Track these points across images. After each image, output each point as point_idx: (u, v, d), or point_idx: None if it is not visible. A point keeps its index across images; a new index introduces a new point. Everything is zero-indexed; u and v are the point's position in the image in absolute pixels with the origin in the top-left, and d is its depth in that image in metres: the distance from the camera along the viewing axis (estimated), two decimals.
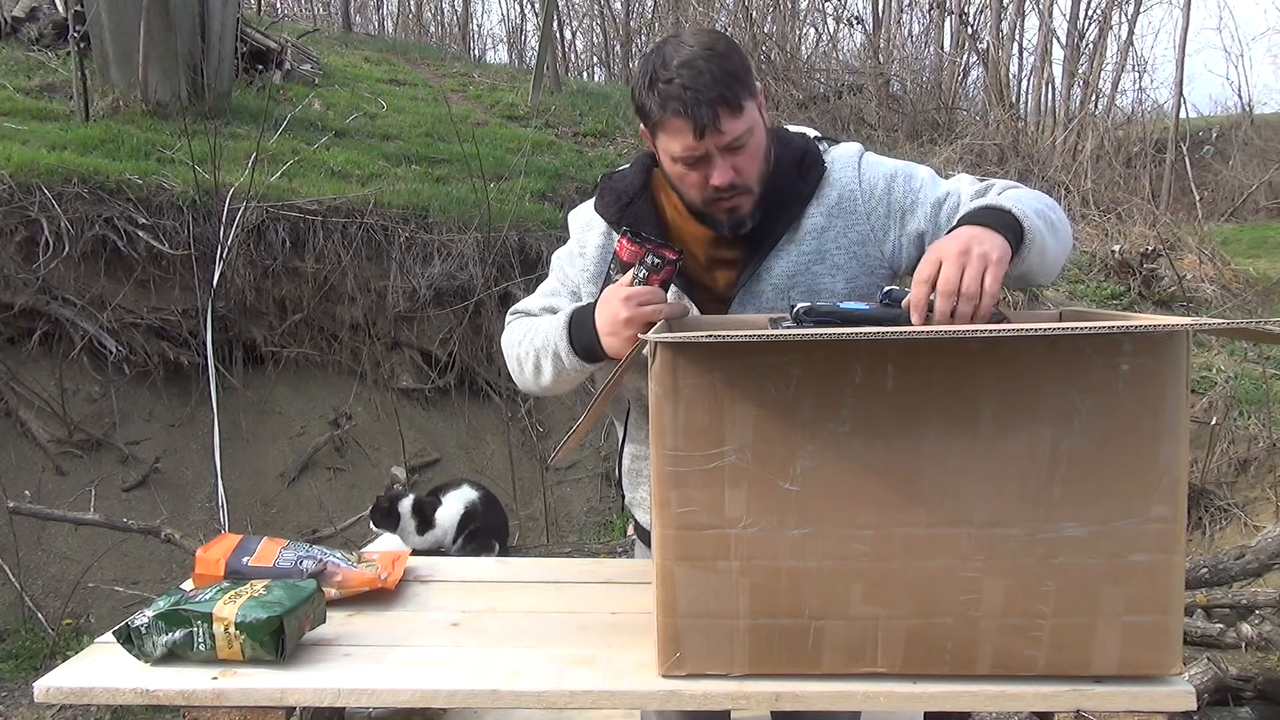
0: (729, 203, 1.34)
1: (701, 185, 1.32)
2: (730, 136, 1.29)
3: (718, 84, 1.26)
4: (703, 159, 1.30)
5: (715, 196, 1.33)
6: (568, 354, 1.33)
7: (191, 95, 5.70)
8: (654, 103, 1.30)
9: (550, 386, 1.43)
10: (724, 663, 1.08)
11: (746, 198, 1.34)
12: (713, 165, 1.30)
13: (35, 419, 4.05)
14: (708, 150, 1.29)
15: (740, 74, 1.30)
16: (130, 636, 1.15)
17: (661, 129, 1.31)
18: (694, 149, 1.29)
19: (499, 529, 2.92)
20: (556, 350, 1.35)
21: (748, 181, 1.33)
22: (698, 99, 1.25)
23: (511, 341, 1.47)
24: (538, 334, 1.40)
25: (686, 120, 1.26)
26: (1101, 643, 1.05)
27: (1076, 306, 4.55)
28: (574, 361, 1.33)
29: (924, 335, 1.00)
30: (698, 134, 1.27)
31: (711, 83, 1.26)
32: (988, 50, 10.69)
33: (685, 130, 1.27)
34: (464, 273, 4.97)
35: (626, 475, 1.58)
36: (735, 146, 1.30)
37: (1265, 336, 1.06)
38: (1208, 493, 4.51)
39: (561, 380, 1.40)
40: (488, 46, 16.97)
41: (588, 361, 1.32)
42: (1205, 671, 3.05)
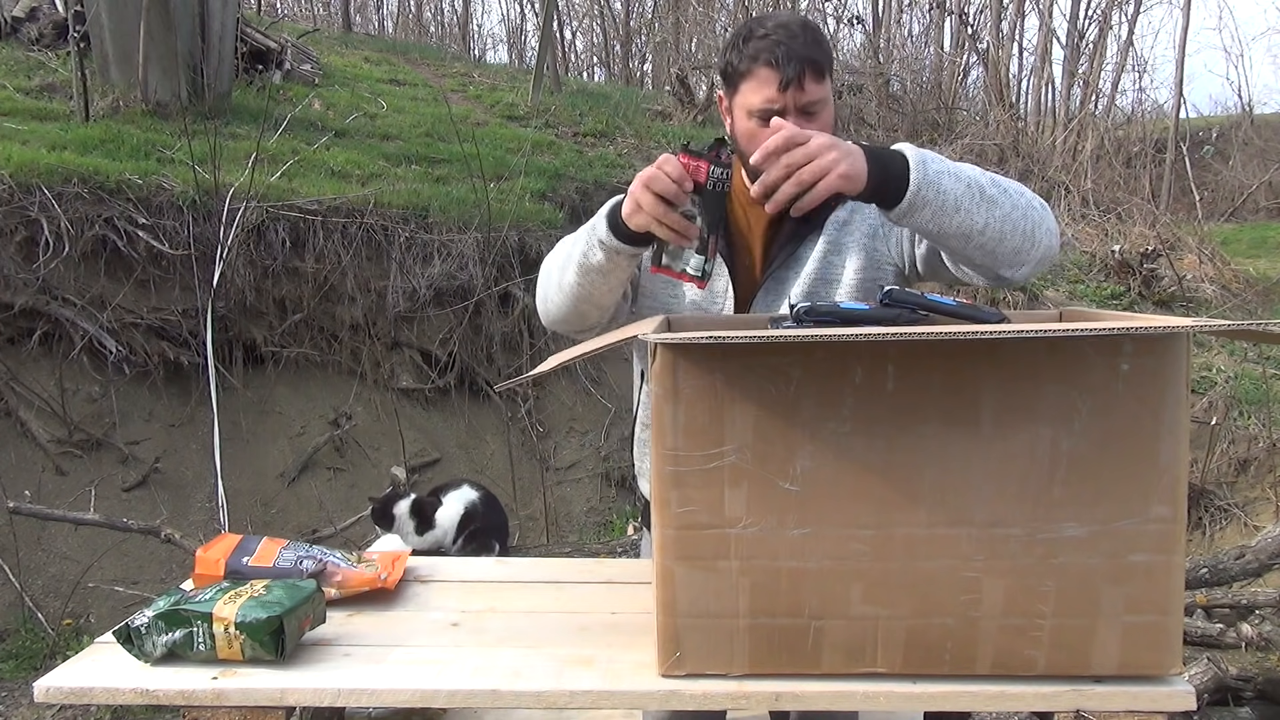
0: None
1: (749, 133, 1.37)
2: (810, 98, 1.34)
3: (809, 46, 1.34)
4: (778, 114, 1.32)
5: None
6: (601, 224, 1.31)
7: (191, 95, 5.70)
8: (744, 55, 1.36)
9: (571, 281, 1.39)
10: (724, 663, 1.08)
11: None
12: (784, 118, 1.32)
13: (35, 419, 4.05)
14: (786, 105, 1.34)
15: (827, 49, 1.38)
16: (130, 636, 1.15)
17: (746, 79, 1.36)
18: (774, 100, 1.34)
19: (499, 529, 2.92)
20: (593, 227, 1.33)
21: None
22: (790, 54, 1.32)
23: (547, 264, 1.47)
24: (571, 243, 1.40)
25: (775, 71, 1.33)
26: (1101, 643, 1.05)
27: (1076, 306, 4.55)
28: (602, 229, 1.30)
29: (924, 336, 1.00)
30: (783, 86, 1.33)
31: (804, 44, 1.34)
32: (988, 50, 10.70)
33: (771, 81, 1.33)
34: (464, 273, 4.97)
35: (638, 444, 1.59)
36: (810, 110, 1.35)
37: (1265, 336, 1.06)
38: (1208, 493, 4.51)
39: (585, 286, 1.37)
40: (488, 46, 17.00)
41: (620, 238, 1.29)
42: (1205, 671, 3.05)
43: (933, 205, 1.20)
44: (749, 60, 1.35)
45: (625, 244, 1.30)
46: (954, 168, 1.24)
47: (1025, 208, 1.27)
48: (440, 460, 4.82)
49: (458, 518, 2.78)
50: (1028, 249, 1.28)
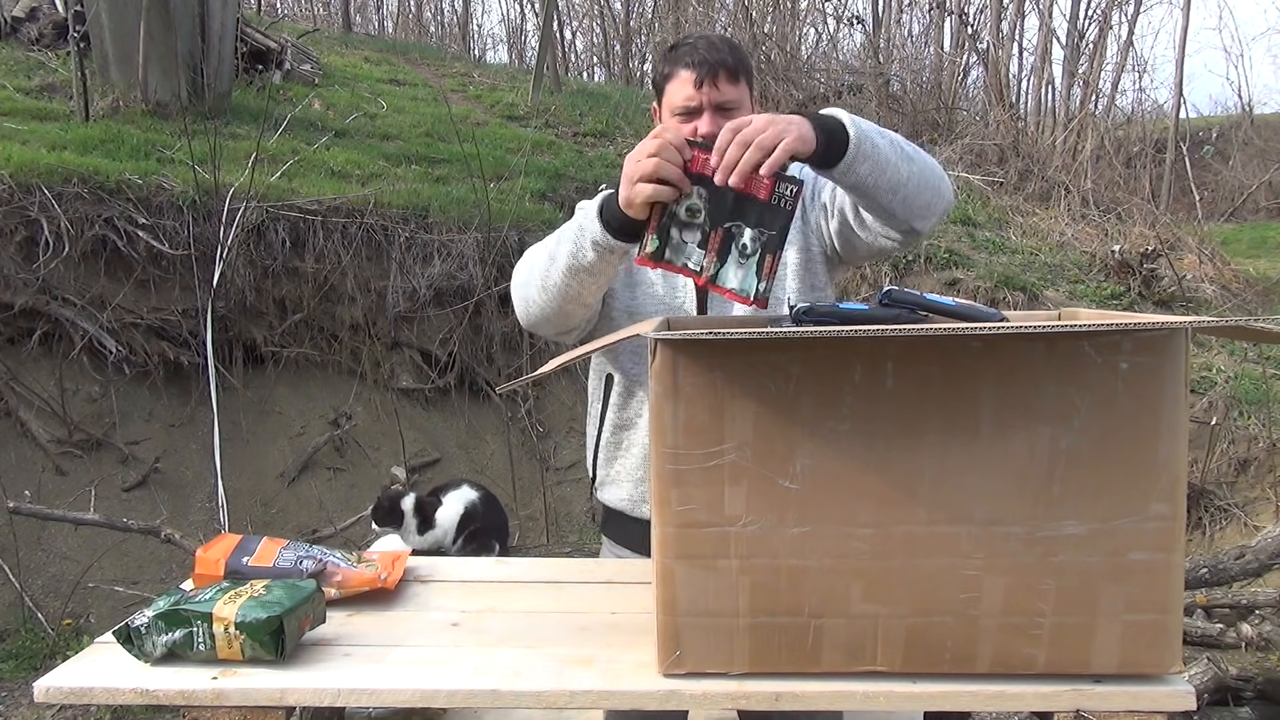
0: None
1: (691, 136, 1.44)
2: (724, 97, 1.50)
3: (723, 52, 1.51)
4: (695, 112, 1.50)
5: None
6: (592, 224, 1.36)
7: (191, 95, 5.70)
8: (668, 62, 1.54)
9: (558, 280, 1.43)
10: (724, 661, 1.08)
11: None
12: (702, 118, 1.50)
13: (35, 419, 4.05)
14: (702, 103, 1.50)
15: (743, 59, 1.54)
16: (130, 636, 1.15)
17: (669, 81, 1.53)
18: (691, 99, 1.50)
19: (499, 529, 2.92)
20: (581, 228, 1.39)
21: None
22: (705, 57, 1.50)
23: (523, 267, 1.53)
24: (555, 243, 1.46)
25: (691, 70, 1.50)
26: (1101, 642, 1.05)
27: (1076, 306, 4.56)
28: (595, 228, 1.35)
29: (924, 334, 1.00)
30: (697, 84, 1.49)
31: (719, 49, 1.51)
32: (988, 50, 10.70)
33: (688, 80, 1.50)
34: (464, 273, 4.97)
35: (604, 449, 1.63)
36: (726, 108, 1.50)
37: (1265, 336, 1.06)
38: (1208, 493, 4.51)
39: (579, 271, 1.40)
40: (488, 46, 16.99)
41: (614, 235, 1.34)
42: (1205, 671, 3.05)
43: (870, 159, 1.30)
44: (671, 64, 1.53)
45: (620, 240, 1.35)
46: (876, 127, 1.33)
47: (931, 164, 1.40)
48: (440, 460, 4.82)
49: (457, 517, 2.78)
50: (937, 201, 1.41)
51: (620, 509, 1.64)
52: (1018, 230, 7.28)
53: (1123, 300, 6.27)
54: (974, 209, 7.39)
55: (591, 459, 1.68)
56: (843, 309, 1.21)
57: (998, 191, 7.96)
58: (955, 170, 7.99)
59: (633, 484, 1.61)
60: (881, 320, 1.18)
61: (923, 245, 6.27)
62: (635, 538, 1.64)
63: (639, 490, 1.60)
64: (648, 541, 1.59)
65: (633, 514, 1.62)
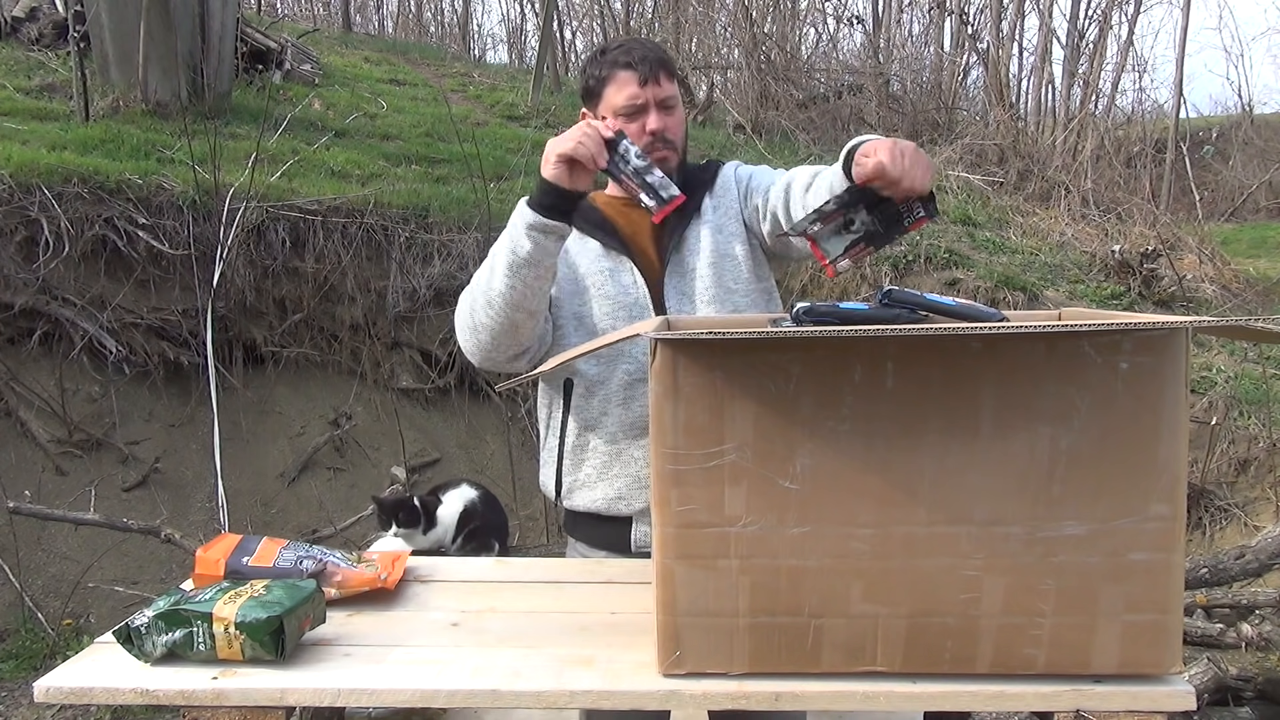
0: (661, 153, 1.57)
1: (639, 134, 1.55)
2: (665, 92, 1.57)
3: (657, 50, 1.60)
4: (642, 109, 1.56)
5: (649, 145, 1.55)
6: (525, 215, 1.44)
7: (191, 95, 5.70)
8: (603, 65, 1.58)
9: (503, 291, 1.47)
10: (724, 661, 1.08)
11: (673, 154, 1.60)
12: (650, 114, 1.56)
13: (35, 419, 4.05)
14: (648, 100, 1.56)
15: (672, 60, 1.62)
16: (130, 636, 1.15)
17: (607, 85, 1.57)
18: (636, 97, 1.55)
19: (499, 528, 2.92)
20: (512, 223, 1.47)
21: (675, 139, 1.60)
22: (644, 55, 1.56)
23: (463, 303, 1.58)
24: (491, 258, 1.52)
25: (633, 71, 1.55)
26: (1101, 642, 1.05)
27: (1076, 306, 4.55)
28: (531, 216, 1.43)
29: (923, 333, 1.00)
30: (641, 82, 1.55)
31: (654, 49, 1.60)
32: (988, 50, 10.69)
33: (631, 80, 1.55)
34: (464, 273, 4.96)
35: (570, 454, 1.63)
36: (668, 105, 1.58)
37: (1264, 336, 1.06)
38: (1208, 493, 4.51)
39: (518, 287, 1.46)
40: (488, 46, 16.98)
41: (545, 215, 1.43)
42: (1205, 671, 3.05)
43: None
44: (608, 67, 1.58)
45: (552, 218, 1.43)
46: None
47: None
48: (440, 460, 4.82)
49: (457, 516, 2.78)
50: None
51: (594, 510, 1.64)
52: (1018, 230, 7.28)
53: (1123, 300, 6.27)
54: (974, 209, 7.39)
55: (555, 469, 1.67)
56: (843, 309, 1.21)
57: (998, 191, 7.95)
58: (955, 170, 7.98)
59: (605, 484, 1.61)
60: (881, 320, 1.18)
61: (923, 245, 6.27)
62: (610, 538, 1.64)
63: (613, 488, 1.60)
64: (624, 540, 1.62)
65: (607, 513, 1.62)
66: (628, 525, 1.62)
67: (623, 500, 1.61)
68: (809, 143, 8.52)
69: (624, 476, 1.60)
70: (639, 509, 1.60)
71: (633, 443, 1.59)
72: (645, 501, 1.59)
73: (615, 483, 1.61)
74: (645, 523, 1.61)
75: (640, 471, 1.59)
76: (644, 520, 1.61)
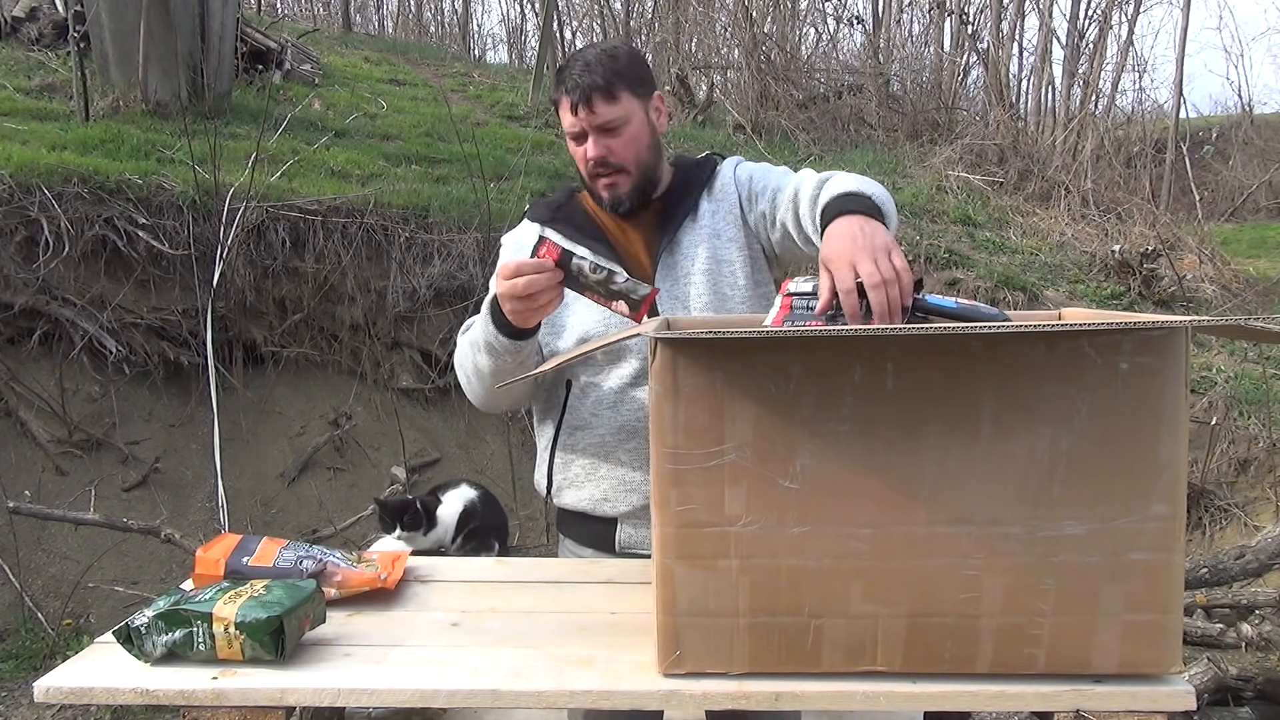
0: (607, 179, 1.57)
1: (583, 159, 1.57)
2: (602, 118, 1.53)
3: (595, 73, 1.52)
4: (581, 135, 1.55)
5: (593, 171, 1.57)
6: (495, 336, 1.48)
7: (191, 95, 5.70)
8: (555, 85, 1.59)
9: (492, 383, 1.55)
10: (724, 661, 1.08)
11: (623, 177, 1.57)
12: (588, 141, 1.55)
13: (35, 419, 4.05)
14: (584, 127, 1.54)
15: (625, 72, 1.55)
16: (130, 636, 1.15)
17: (558, 108, 1.58)
18: (573, 124, 1.55)
19: (499, 528, 2.91)
20: (487, 337, 1.50)
21: (622, 161, 1.56)
22: (577, 83, 1.52)
23: (458, 355, 1.64)
24: (474, 333, 1.56)
25: (567, 97, 1.54)
26: (1101, 642, 1.05)
27: (1076, 306, 4.56)
28: (502, 342, 1.48)
29: (923, 333, 1.00)
30: (573, 109, 1.53)
31: (591, 71, 1.53)
32: (988, 50, 10.70)
33: (567, 106, 1.55)
34: (464, 273, 4.97)
35: (560, 453, 1.65)
36: (608, 128, 1.54)
37: (1264, 336, 1.06)
38: (1208, 493, 4.51)
39: (502, 370, 1.52)
40: (488, 46, 16.98)
41: (514, 339, 1.47)
42: (1205, 671, 3.05)
43: (892, 223, 1.31)
44: (556, 89, 1.58)
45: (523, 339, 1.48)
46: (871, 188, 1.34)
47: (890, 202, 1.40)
48: (440, 460, 4.82)
49: (457, 515, 2.78)
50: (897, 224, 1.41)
51: (581, 509, 1.65)
52: (1018, 230, 7.28)
53: (1123, 300, 6.27)
54: (974, 209, 7.39)
55: (546, 468, 1.69)
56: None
57: (998, 191, 7.96)
58: (955, 170, 7.98)
59: (593, 484, 1.62)
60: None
61: (923, 245, 6.27)
62: (596, 536, 1.66)
63: (599, 490, 1.62)
64: (609, 540, 1.63)
65: (594, 513, 1.63)
66: (613, 526, 1.63)
67: (608, 502, 1.61)
68: (809, 143, 8.53)
69: (610, 479, 1.61)
70: (623, 511, 1.61)
71: (620, 446, 1.59)
72: (630, 504, 1.60)
73: (601, 484, 1.62)
74: (629, 524, 1.62)
75: (626, 474, 1.60)
76: (628, 522, 1.62)
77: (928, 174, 7.90)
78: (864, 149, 8.67)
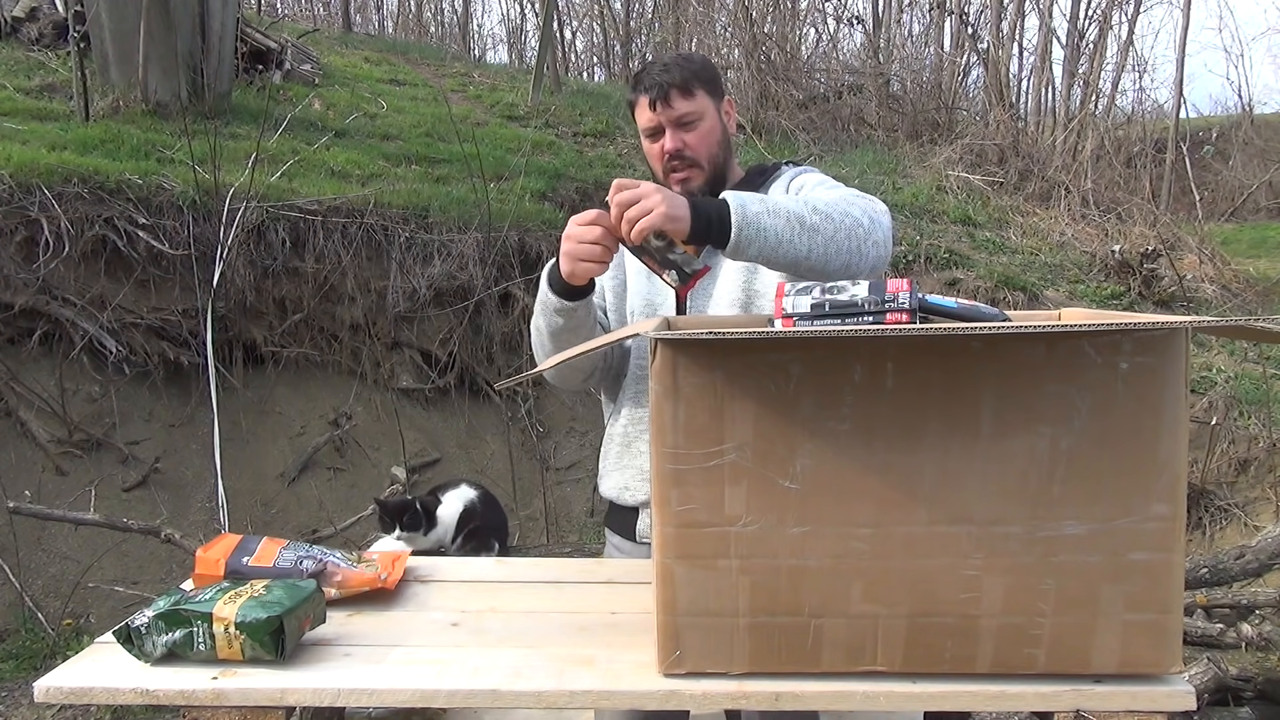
0: (681, 173, 1.61)
1: (660, 155, 1.61)
2: (679, 112, 1.59)
3: (672, 72, 1.59)
4: (658, 131, 1.60)
5: (669, 166, 1.61)
6: (547, 295, 1.53)
7: (191, 95, 5.70)
8: (632, 89, 1.65)
9: (550, 349, 1.59)
10: (724, 661, 1.08)
11: (697, 172, 1.61)
12: (665, 136, 1.60)
13: (35, 419, 4.05)
14: (661, 123, 1.59)
15: (699, 72, 1.62)
16: (130, 636, 1.15)
17: (634, 108, 1.64)
18: (651, 121, 1.60)
19: (499, 529, 2.91)
20: (542, 296, 1.55)
21: (696, 155, 1.61)
22: (655, 80, 1.59)
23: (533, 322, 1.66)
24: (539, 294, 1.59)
25: (645, 95, 1.60)
26: (1101, 641, 1.05)
27: (1076, 306, 4.55)
28: (554, 301, 1.52)
29: (923, 333, 1.00)
30: (652, 106, 1.59)
31: (669, 70, 1.60)
32: (988, 50, 10.69)
33: (645, 104, 1.60)
34: (464, 273, 4.97)
35: (605, 444, 1.72)
36: (685, 123, 1.60)
37: (1264, 336, 1.06)
38: (1208, 493, 4.51)
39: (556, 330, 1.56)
40: (488, 46, 16.97)
41: (565, 298, 1.51)
42: (1205, 671, 3.05)
43: (757, 243, 1.35)
44: (633, 92, 1.64)
45: (576, 300, 1.51)
46: (775, 205, 1.38)
47: (850, 228, 1.41)
48: (440, 460, 4.82)
49: (457, 515, 2.77)
50: (857, 262, 1.43)
51: (609, 497, 1.72)
52: (1018, 230, 7.28)
53: (1123, 300, 6.27)
54: (974, 209, 7.39)
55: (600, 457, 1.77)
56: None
57: (998, 191, 7.96)
58: (955, 170, 7.99)
59: (618, 473, 1.69)
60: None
61: (923, 245, 6.28)
62: (622, 525, 1.72)
63: (623, 478, 1.68)
64: (631, 528, 1.67)
65: (618, 501, 1.70)
66: (634, 515, 1.68)
67: (629, 491, 1.67)
68: (809, 143, 8.53)
69: (631, 468, 1.67)
70: (642, 500, 1.66)
71: (640, 436, 1.65)
72: (648, 493, 1.62)
73: (625, 473, 1.68)
74: (649, 514, 1.63)
75: (645, 464, 1.64)
76: (648, 511, 1.64)
77: (928, 174, 7.90)
78: (864, 149, 8.67)
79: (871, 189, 7.45)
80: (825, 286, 1.19)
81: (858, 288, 1.17)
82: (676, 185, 1.60)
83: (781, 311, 1.19)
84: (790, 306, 1.19)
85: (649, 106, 1.59)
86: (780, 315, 1.19)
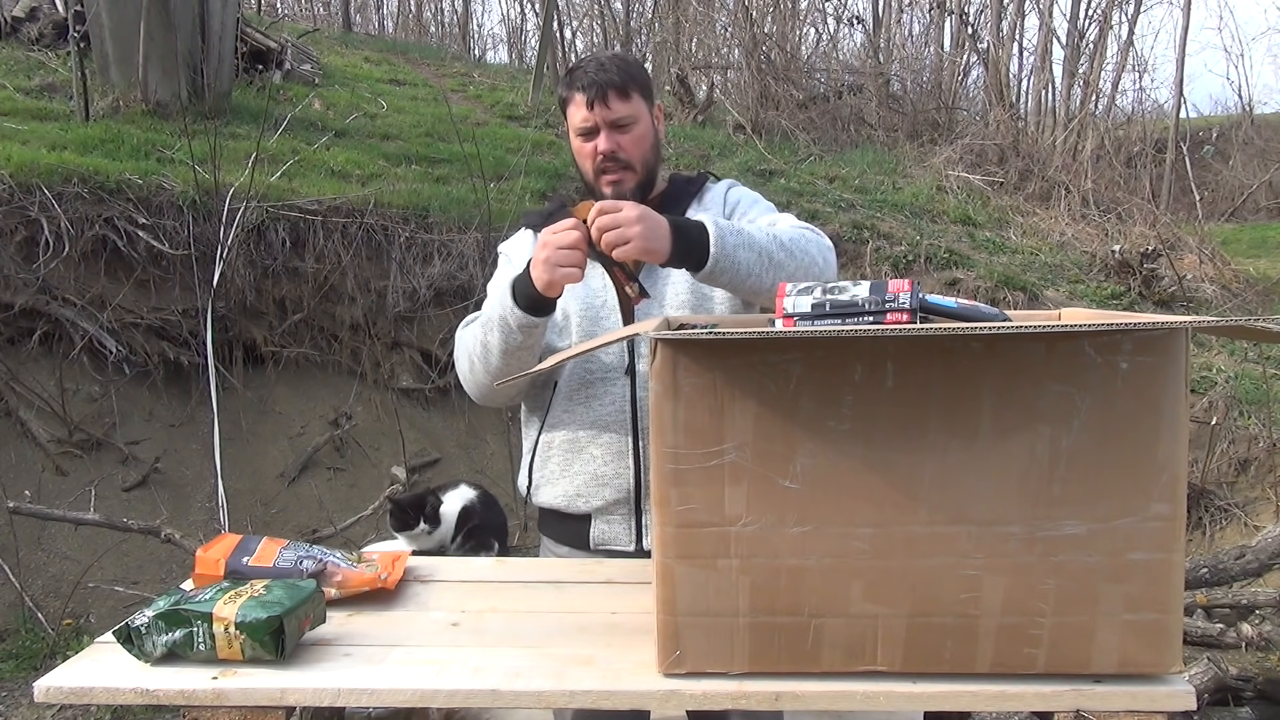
0: (613, 175, 1.61)
1: (592, 155, 1.61)
2: (615, 114, 1.59)
3: (609, 72, 1.59)
4: (593, 131, 1.60)
5: (601, 167, 1.61)
6: (511, 311, 1.49)
7: (191, 95, 5.70)
8: (565, 85, 1.64)
9: (498, 366, 1.56)
10: (724, 661, 1.08)
11: (629, 174, 1.62)
12: (599, 136, 1.59)
13: (35, 419, 4.05)
14: (596, 123, 1.59)
15: (635, 74, 1.63)
16: (130, 636, 1.15)
17: (567, 106, 1.63)
18: (586, 120, 1.59)
19: (498, 529, 2.91)
20: (503, 313, 1.51)
21: (630, 158, 1.61)
22: (593, 79, 1.58)
23: (461, 343, 1.66)
24: (486, 311, 1.59)
25: (582, 93, 1.59)
26: (1101, 641, 1.05)
27: (1076, 306, 4.55)
28: (517, 316, 1.48)
29: (923, 333, 1.00)
30: (589, 105, 1.58)
31: (607, 69, 1.60)
32: (988, 50, 10.70)
33: (581, 103, 1.59)
34: (464, 273, 4.97)
35: (539, 452, 1.69)
36: (620, 125, 1.60)
37: (1264, 336, 1.06)
38: (1208, 493, 4.51)
39: (510, 348, 1.53)
40: (488, 46, 16.96)
41: (530, 313, 1.48)
42: (1205, 671, 3.05)
43: (729, 273, 1.42)
44: (567, 89, 1.63)
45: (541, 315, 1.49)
46: (749, 239, 1.44)
47: (808, 266, 1.48)
48: (440, 460, 4.82)
49: (456, 515, 2.77)
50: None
51: (555, 507, 1.67)
52: (1018, 230, 7.28)
53: (1123, 300, 6.27)
54: (974, 209, 7.39)
55: (528, 467, 1.73)
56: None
57: (998, 191, 7.96)
58: (955, 170, 7.99)
59: (566, 480, 1.65)
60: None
61: (923, 245, 6.28)
62: (571, 535, 1.67)
63: (573, 485, 1.64)
64: (584, 537, 1.65)
65: (567, 510, 1.66)
66: (586, 522, 1.65)
67: (581, 498, 1.63)
68: (809, 143, 8.53)
69: (583, 474, 1.63)
70: (596, 506, 1.62)
71: (592, 441, 1.62)
72: (603, 499, 1.62)
73: (575, 480, 1.64)
74: (603, 520, 1.63)
75: (599, 469, 1.61)
76: (601, 518, 1.63)
77: (928, 174, 7.90)
78: (864, 149, 8.67)
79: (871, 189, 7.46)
80: (826, 286, 1.19)
81: (858, 288, 1.17)
82: (608, 187, 1.61)
83: (782, 311, 1.19)
84: (791, 306, 1.18)
85: (585, 105, 1.58)
86: (781, 315, 1.19)
